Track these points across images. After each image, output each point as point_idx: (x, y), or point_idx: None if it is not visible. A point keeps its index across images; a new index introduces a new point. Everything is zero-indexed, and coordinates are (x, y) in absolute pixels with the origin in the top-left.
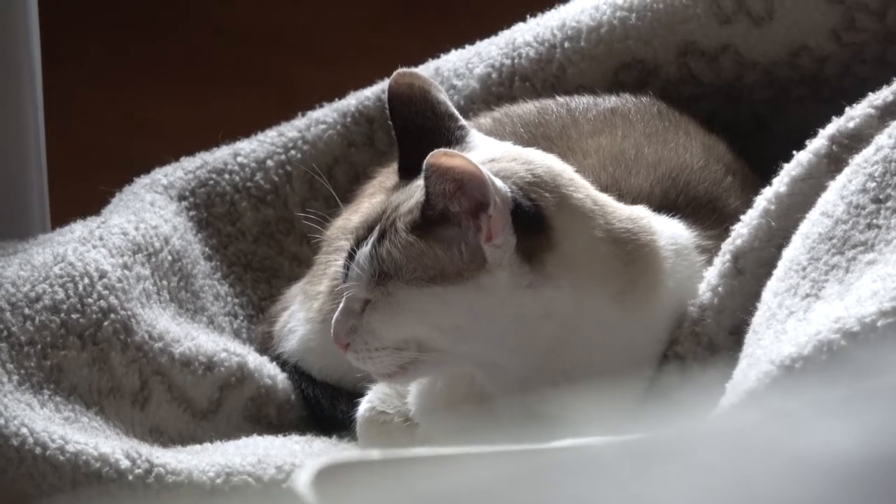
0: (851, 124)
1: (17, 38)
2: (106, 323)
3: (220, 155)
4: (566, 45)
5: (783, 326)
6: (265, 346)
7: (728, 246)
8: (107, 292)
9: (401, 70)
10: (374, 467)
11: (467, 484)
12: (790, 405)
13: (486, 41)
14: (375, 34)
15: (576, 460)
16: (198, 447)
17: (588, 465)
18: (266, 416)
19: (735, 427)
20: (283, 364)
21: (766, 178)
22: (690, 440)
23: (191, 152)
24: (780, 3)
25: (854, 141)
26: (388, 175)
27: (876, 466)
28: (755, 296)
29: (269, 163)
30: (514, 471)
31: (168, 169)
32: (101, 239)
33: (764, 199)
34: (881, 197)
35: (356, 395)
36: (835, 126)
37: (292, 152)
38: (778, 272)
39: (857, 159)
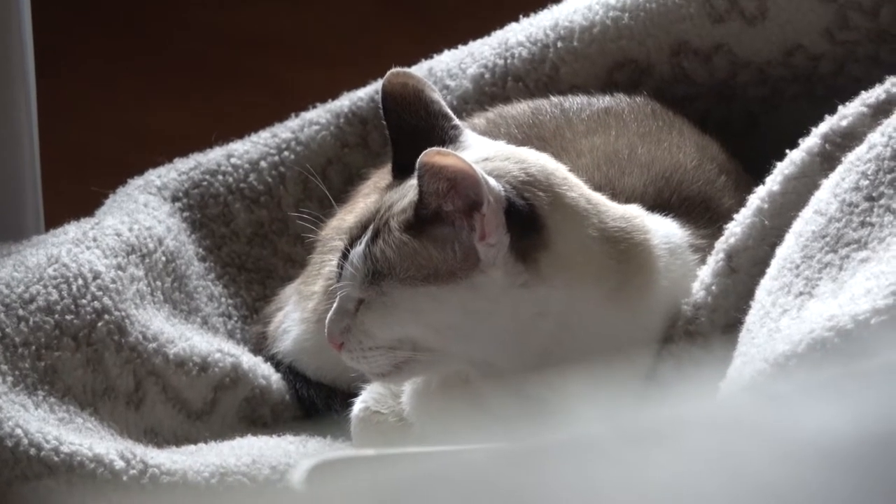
0: (844, 123)
1: (10, 41)
2: (100, 324)
3: (214, 156)
4: (559, 44)
5: (777, 325)
6: (259, 346)
7: (722, 244)
8: (101, 293)
9: (394, 70)
10: (369, 463)
11: (462, 471)
12: (783, 388)
13: (478, 41)
14: (368, 35)
15: (570, 445)
16: (192, 448)
17: (582, 450)
18: (260, 416)
19: (729, 411)
20: (277, 364)
21: (759, 177)
22: (685, 424)
23: (184, 154)
24: (773, 2)
25: (847, 139)
26: (382, 175)
27: (868, 447)
28: (749, 294)
29: (263, 164)
30: (509, 458)
31: (162, 170)
32: (94, 240)
33: (757, 197)
34: (874, 195)
35: (351, 395)
36: (828, 124)
37: (286, 153)
38: (771, 270)
39: (850, 157)
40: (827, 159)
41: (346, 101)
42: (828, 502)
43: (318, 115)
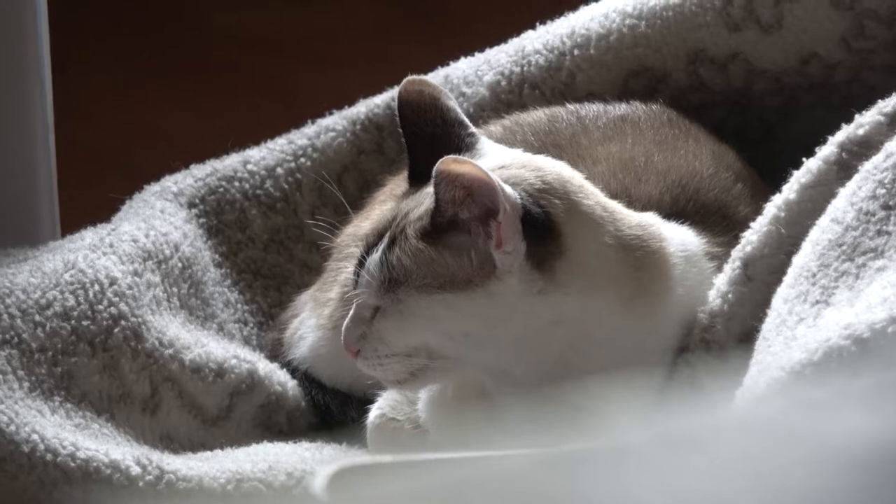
0: (861, 131)
1: (27, 45)
2: (116, 330)
3: (230, 162)
4: (575, 52)
5: (793, 333)
6: (275, 353)
7: (738, 253)
8: (117, 299)
9: (410, 77)
10: (389, 470)
11: (487, 477)
12: (816, 395)
13: (495, 49)
14: (385, 42)
15: (603, 451)
16: (208, 454)
17: (616, 456)
18: (276, 422)
19: (763, 417)
20: (293, 371)
21: (775, 186)
22: (718, 430)
23: (201, 160)
24: (789, 10)
25: (863, 148)
26: (398, 182)
27: None
28: (765, 302)
29: (279, 170)
30: (538, 464)
31: (178, 176)
32: (111, 246)
33: (774, 205)
34: (891, 203)
35: (366, 401)
36: (844, 133)
37: (302, 160)
38: (788, 279)
39: (867, 166)
40: (843, 168)
41: (362, 108)
42: None
43: (335, 122)
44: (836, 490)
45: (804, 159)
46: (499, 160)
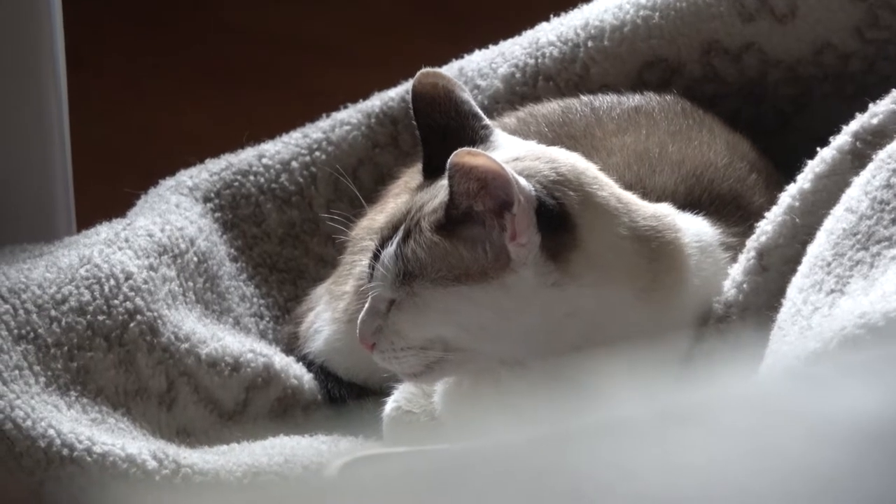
0: (875, 120)
1: (41, 43)
2: (132, 324)
3: (245, 157)
4: (590, 44)
5: (808, 322)
6: (291, 346)
7: (753, 243)
8: (133, 294)
9: (425, 70)
10: (403, 458)
11: (495, 456)
12: (815, 371)
13: (509, 41)
14: (399, 35)
15: (603, 426)
16: (225, 448)
17: (615, 431)
18: (292, 416)
19: (761, 391)
20: (309, 364)
21: (790, 176)
22: (717, 405)
23: (215, 154)
24: (803, 0)
25: (878, 137)
26: (413, 175)
27: None
28: (780, 292)
29: (294, 164)
30: (542, 442)
31: (193, 171)
32: (126, 241)
33: (788, 195)
34: None
35: (382, 394)
36: (858, 122)
37: (317, 153)
38: (802, 268)
39: (881, 155)
40: (858, 157)
41: (376, 101)
42: (858, 482)
43: (349, 116)
44: (836, 464)
45: (819, 149)
46: (513, 152)
